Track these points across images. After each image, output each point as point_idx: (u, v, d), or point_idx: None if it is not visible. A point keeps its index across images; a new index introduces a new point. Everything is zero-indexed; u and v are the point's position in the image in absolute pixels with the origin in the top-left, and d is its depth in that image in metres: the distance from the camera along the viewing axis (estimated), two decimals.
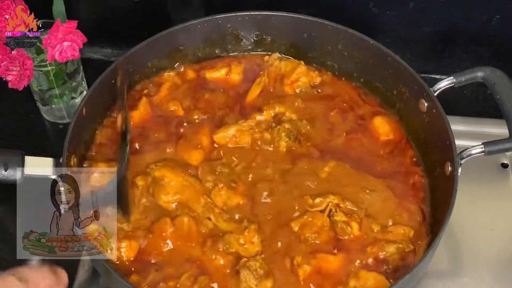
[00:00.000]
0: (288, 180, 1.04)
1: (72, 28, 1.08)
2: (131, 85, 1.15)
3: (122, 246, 0.94)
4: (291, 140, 1.07)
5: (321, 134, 1.10)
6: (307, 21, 1.16)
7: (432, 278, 1.05)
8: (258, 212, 1.00)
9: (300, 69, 1.17)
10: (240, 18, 1.18)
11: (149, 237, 0.96)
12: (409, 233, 0.98)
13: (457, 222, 1.06)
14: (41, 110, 1.27)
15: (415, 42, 1.33)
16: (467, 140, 1.11)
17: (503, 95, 1.01)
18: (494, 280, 1.06)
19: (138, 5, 1.31)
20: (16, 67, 1.06)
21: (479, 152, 0.98)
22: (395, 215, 1.00)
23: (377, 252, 0.95)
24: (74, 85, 1.22)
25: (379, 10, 1.28)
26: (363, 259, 0.95)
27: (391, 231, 0.98)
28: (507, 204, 1.14)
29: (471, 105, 1.33)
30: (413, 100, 1.09)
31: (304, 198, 1.01)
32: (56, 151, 0.97)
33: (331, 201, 0.99)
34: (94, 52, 1.40)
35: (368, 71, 1.16)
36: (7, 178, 0.92)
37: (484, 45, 1.31)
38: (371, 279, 0.92)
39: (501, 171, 1.20)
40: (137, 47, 1.11)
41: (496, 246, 1.09)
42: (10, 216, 1.12)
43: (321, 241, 0.97)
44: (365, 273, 0.93)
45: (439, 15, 1.27)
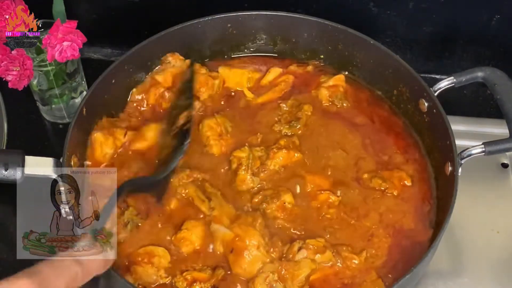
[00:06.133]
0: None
1: (72, 28, 1.08)
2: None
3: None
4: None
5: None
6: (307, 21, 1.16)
7: (432, 278, 1.05)
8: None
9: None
10: (241, 18, 1.18)
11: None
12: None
13: (457, 222, 1.06)
14: (41, 110, 1.27)
15: (415, 42, 1.33)
16: (467, 140, 1.11)
17: (503, 95, 1.01)
18: (494, 280, 1.06)
19: (138, 5, 1.31)
20: (16, 67, 1.06)
21: (479, 152, 0.98)
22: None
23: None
24: (74, 85, 1.22)
25: (379, 10, 1.28)
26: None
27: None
28: (507, 204, 1.14)
29: (471, 105, 1.33)
30: (413, 100, 1.09)
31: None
32: (56, 151, 0.97)
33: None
34: (94, 52, 1.40)
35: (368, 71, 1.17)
36: (7, 178, 0.92)
37: (484, 45, 1.31)
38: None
39: (501, 171, 1.20)
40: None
41: (497, 246, 1.09)
42: (10, 216, 1.12)
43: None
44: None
45: (439, 15, 1.27)
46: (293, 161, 1.06)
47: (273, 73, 1.19)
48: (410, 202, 1.02)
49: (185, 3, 1.31)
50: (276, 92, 1.16)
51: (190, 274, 0.92)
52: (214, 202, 0.99)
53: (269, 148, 1.06)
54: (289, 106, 1.13)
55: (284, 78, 1.18)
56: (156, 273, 0.93)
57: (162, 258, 0.94)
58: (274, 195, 1.00)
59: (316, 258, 0.94)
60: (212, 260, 0.95)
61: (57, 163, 0.94)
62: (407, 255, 0.96)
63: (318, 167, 1.06)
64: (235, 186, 1.02)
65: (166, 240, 0.97)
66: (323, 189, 1.02)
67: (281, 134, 1.09)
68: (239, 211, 0.99)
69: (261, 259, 0.93)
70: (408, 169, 1.06)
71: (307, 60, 1.21)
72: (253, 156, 1.04)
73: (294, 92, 1.16)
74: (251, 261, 0.93)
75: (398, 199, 1.02)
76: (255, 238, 0.94)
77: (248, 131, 1.10)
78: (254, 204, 1.00)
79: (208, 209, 0.98)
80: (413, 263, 0.90)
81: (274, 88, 1.17)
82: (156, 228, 0.98)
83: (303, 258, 0.93)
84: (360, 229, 0.99)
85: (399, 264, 0.95)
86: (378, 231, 0.99)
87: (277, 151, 1.05)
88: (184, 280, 0.92)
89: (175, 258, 0.95)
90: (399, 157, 1.08)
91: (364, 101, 1.16)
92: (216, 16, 1.16)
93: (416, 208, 1.02)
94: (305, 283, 0.92)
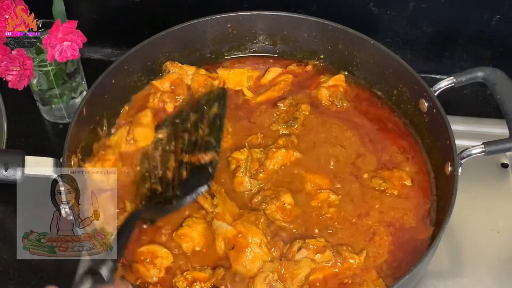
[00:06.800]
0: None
1: (72, 28, 1.08)
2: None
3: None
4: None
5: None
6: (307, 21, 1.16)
7: (432, 278, 1.05)
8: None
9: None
10: (241, 18, 1.18)
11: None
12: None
13: (457, 222, 1.06)
14: (41, 110, 1.27)
15: (415, 42, 1.33)
16: (467, 140, 1.11)
17: (503, 95, 1.01)
18: (494, 280, 1.06)
19: (138, 5, 1.31)
20: (16, 67, 1.06)
21: (479, 152, 0.98)
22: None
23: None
24: (74, 85, 1.22)
25: (379, 10, 1.28)
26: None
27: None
28: (507, 204, 1.14)
29: (471, 105, 1.33)
30: (413, 100, 1.09)
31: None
32: (56, 151, 0.97)
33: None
34: (94, 52, 1.40)
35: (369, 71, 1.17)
36: (7, 178, 0.92)
37: (484, 45, 1.31)
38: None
39: (501, 171, 1.20)
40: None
41: (497, 246, 1.09)
42: (10, 216, 1.12)
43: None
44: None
45: (439, 15, 1.27)
46: (292, 160, 1.06)
47: (273, 72, 1.19)
48: (411, 201, 1.02)
49: (185, 3, 1.31)
50: (276, 91, 1.16)
51: (190, 273, 0.92)
52: (217, 198, 0.99)
53: (268, 148, 1.06)
54: (287, 106, 1.13)
55: (284, 77, 1.18)
56: (157, 275, 0.93)
57: (165, 259, 0.94)
58: (274, 196, 1.00)
59: (316, 257, 0.94)
60: (212, 259, 0.95)
61: (57, 163, 0.95)
62: (408, 253, 0.97)
63: (318, 166, 1.06)
64: (233, 187, 1.03)
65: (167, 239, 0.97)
66: (323, 188, 1.02)
67: (279, 134, 1.09)
68: (242, 209, 0.99)
69: (262, 257, 0.93)
70: (408, 169, 1.06)
71: (307, 60, 1.21)
72: (252, 158, 1.04)
73: (294, 91, 1.16)
74: (252, 259, 0.93)
75: (398, 199, 1.02)
76: (258, 236, 0.94)
77: (247, 130, 1.10)
78: (254, 204, 1.00)
79: (211, 206, 0.98)
80: (413, 261, 0.90)
81: (274, 87, 1.17)
82: (157, 226, 0.99)
83: (303, 258, 0.93)
84: (362, 228, 0.99)
85: (400, 262, 0.96)
86: (379, 229, 0.99)
87: (276, 151, 1.05)
88: (184, 280, 0.92)
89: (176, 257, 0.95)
90: (399, 157, 1.08)
91: (364, 101, 1.16)
92: (216, 16, 1.16)
93: (416, 207, 1.02)
94: (304, 282, 0.92)
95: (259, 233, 0.94)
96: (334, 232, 0.99)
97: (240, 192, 1.02)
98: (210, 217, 0.98)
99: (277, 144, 1.07)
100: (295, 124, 1.10)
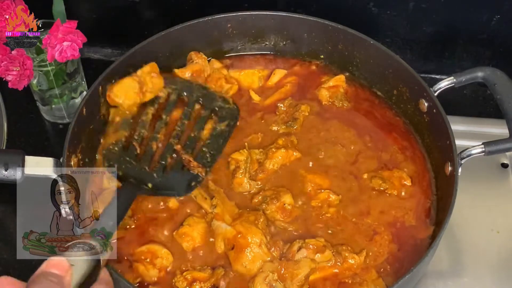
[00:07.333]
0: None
1: (72, 28, 1.08)
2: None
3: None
4: None
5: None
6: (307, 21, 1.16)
7: (432, 278, 1.05)
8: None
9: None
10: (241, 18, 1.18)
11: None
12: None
13: (457, 222, 1.06)
14: (41, 110, 1.27)
15: (415, 42, 1.33)
16: (467, 140, 1.11)
17: (503, 95, 1.01)
18: (494, 280, 1.06)
19: (138, 5, 1.31)
20: (16, 67, 1.06)
21: (479, 152, 0.98)
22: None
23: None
24: (74, 85, 1.22)
25: (379, 10, 1.28)
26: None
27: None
28: (507, 204, 1.15)
29: (471, 105, 1.33)
30: (413, 100, 1.09)
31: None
32: (56, 151, 0.97)
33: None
34: (94, 52, 1.40)
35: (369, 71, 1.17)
36: (7, 178, 0.91)
37: (484, 45, 1.31)
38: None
39: (501, 171, 1.20)
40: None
41: (496, 246, 1.10)
42: (10, 216, 1.12)
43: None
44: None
45: (439, 15, 1.27)
46: (292, 160, 1.06)
47: (278, 74, 1.19)
48: (411, 201, 1.02)
49: (185, 3, 1.31)
50: (283, 93, 1.16)
51: (190, 273, 0.92)
52: (216, 199, 0.99)
53: (268, 148, 1.06)
54: (287, 106, 1.13)
55: (290, 79, 1.18)
56: (157, 274, 0.93)
57: (165, 259, 0.94)
58: (274, 196, 1.00)
59: (316, 257, 0.94)
60: (212, 259, 0.95)
61: (57, 163, 0.94)
62: (408, 253, 0.97)
63: (318, 166, 1.06)
64: (232, 188, 1.03)
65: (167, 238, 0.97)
66: (323, 188, 1.02)
67: (279, 134, 1.09)
68: (241, 209, 0.99)
69: (262, 257, 0.93)
70: (408, 169, 1.06)
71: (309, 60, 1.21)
72: (251, 159, 1.04)
73: (298, 92, 1.16)
74: (252, 259, 0.93)
75: (398, 198, 1.02)
76: (258, 236, 0.94)
77: (246, 130, 1.10)
78: (254, 204, 1.00)
79: (210, 207, 0.98)
80: (414, 261, 0.90)
81: (280, 89, 1.17)
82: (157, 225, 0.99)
83: (303, 258, 0.93)
84: (362, 228, 0.99)
85: (400, 262, 0.96)
86: (380, 229, 0.99)
87: (276, 151, 1.05)
88: (184, 280, 0.92)
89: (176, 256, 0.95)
90: (399, 157, 1.08)
91: (364, 101, 1.16)
92: (216, 16, 1.16)
93: (416, 206, 1.02)
94: (304, 282, 0.92)
95: (258, 233, 0.94)
96: (334, 232, 0.99)
97: (239, 192, 1.02)
98: (210, 218, 0.98)
99: (276, 144, 1.07)
100: (294, 125, 1.10)
